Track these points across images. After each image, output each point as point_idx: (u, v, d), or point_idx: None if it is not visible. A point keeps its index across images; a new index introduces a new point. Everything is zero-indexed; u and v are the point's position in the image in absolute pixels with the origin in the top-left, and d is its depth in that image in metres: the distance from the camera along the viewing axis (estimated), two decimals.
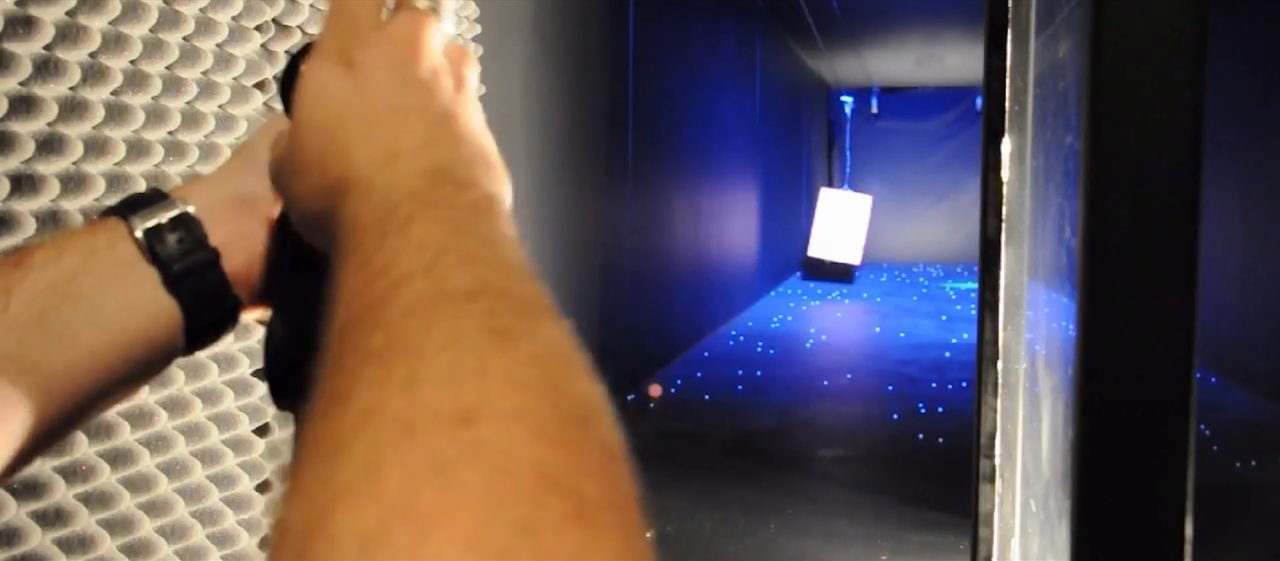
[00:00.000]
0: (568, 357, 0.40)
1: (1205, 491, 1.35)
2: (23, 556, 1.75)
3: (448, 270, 0.43)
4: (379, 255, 0.44)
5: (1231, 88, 6.76)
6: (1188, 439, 1.09)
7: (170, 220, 0.59)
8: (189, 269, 0.59)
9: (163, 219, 0.58)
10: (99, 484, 1.90)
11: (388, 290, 0.41)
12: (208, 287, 0.59)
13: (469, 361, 0.37)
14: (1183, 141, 1.08)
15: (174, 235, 0.59)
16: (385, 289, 0.41)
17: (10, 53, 1.70)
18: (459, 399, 0.35)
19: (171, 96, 2.08)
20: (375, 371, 0.37)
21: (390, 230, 0.46)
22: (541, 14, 4.82)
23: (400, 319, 0.39)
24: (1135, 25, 1.08)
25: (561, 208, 5.24)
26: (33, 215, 1.78)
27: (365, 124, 0.53)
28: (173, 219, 0.59)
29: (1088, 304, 1.11)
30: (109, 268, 0.57)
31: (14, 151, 1.73)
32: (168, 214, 0.59)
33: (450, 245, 0.45)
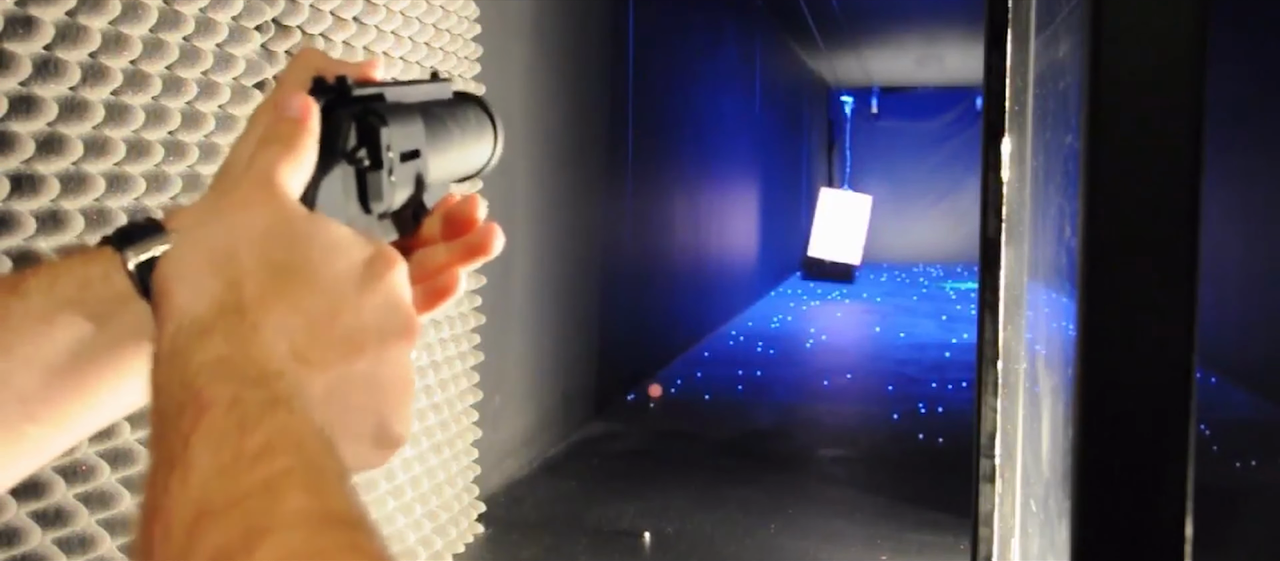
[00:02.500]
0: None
1: (1205, 491, 1.35)
2: (23, 556, 1.75)
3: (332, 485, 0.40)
4: (256, 432, 0.41)
5: (1232, 88, 6.76)
6: (1188, 439, 1.09)
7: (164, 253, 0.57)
8: None
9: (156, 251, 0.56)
10: (99, 484, 1.90)
11: (266, 487, 0.38)
12: None
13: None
14: (1183, 141, 1.08)
15: None
16: (263, 484, 0.39)
17: (10, 53, 1.70)
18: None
19: (171, 96, 2.08)
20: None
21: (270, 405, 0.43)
22: (541, 14, 4.81)
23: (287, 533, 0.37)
24: (1135, 25, 1.08)
25: (561, 208, 5.24)
26: (33, 215, 1.77)
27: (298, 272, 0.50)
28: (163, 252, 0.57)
29: (1088, 304, 1.11)
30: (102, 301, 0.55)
31: (14, 151, 1.73)
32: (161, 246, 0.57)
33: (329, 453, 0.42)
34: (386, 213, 0.59)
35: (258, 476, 0.39)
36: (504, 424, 4.45)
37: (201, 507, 0.38)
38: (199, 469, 0.40)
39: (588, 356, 5.70)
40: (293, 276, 0.50)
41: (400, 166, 0.59)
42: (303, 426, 0.43)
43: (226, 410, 0.42)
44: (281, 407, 0.43)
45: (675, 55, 7.62)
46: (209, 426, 0.41)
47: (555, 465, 4.83)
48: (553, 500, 4.33)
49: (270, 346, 0.47)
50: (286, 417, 0.43)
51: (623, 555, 3.74)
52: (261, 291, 0.49)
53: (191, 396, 0.43)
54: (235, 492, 0.38)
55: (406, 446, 3.24)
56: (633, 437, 5.39)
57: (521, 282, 4.66)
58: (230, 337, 0.46)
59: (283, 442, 0.41)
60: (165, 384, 0.45)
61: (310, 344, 0.49)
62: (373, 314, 0.52)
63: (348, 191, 0.56)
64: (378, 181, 0.57)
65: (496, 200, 4.02)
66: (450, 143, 0.67)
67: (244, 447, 0.40)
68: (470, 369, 3.69)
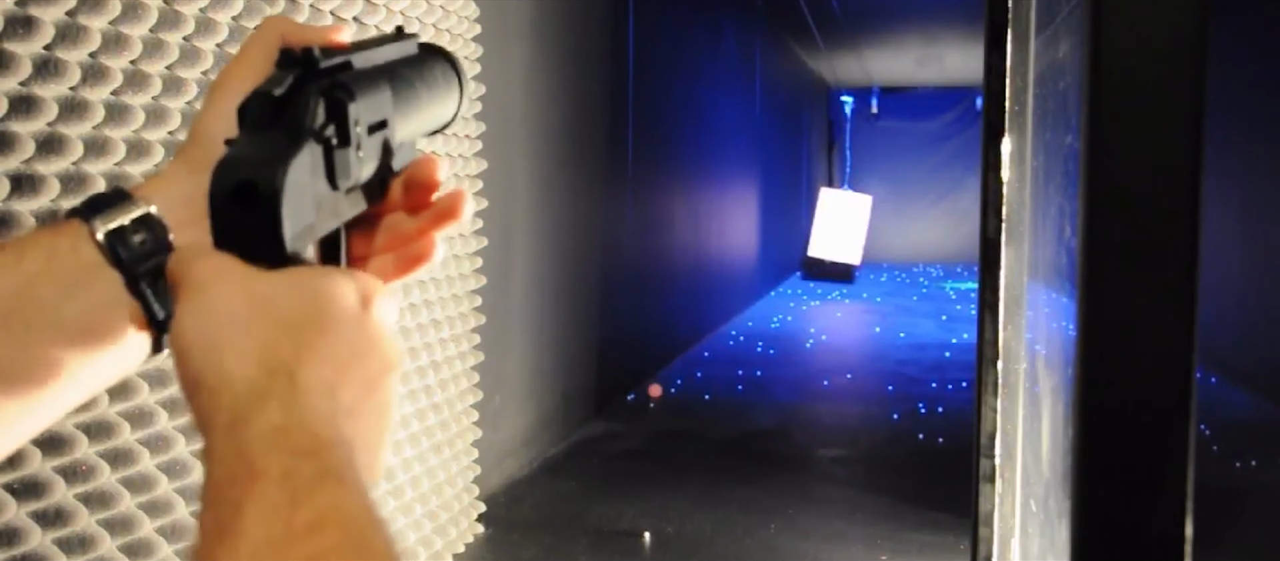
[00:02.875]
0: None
1: (1205, 491, 1.35)
2: (23, 556, 1.75)
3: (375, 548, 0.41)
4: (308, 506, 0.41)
5: (1232, 87, 6.76)
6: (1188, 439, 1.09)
7: (132, 221, 0.57)
8: (152, 270, 0.56)
9: (124, 220, 0.56)
10: (99, 484, 1.90)
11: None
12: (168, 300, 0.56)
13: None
14: (1183, 141, 1.08)
15: (136, 236, 0.56)
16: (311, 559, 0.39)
17: (10, 53, 1.70)
18: None
19: (171, 96, 2.08)
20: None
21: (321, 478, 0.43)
22: (541, 14, 4.81)
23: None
24: (1135, 25, 1.08)
25: (561, 208, 5.24)
26: (33, 215, 1.77)
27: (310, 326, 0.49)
28: (135, 220, 0.57)
29: (1088, 304, 1.11)
30: (71, 271, 0.55)
31: (14, 151, 1.73)
32: (129, 215, 0.57)
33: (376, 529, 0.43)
34: (354, 186, 0.59)
35: (307, 551, 0.39)
36: (504, 424, 4.45)
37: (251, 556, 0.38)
38: (249, 539, 0.40)
39: (588, 356, 5.70)
40: (311, 330, 0.49)
41: (367, 139, 0.58)
42: (353, 501, 0.43)
43: (279, 483, 0.42)
44: (331, 480, 0.43)
45: (675, 55, 7.62)
46: (260, 497, 0.41)
47: (555, 465, 4.83)
48: (553, 500, 4.33)
49: (317, 410, 0.46)
50: (336, 491, 0.43)
51: (623, 555, 3.74)
52: (297, 349, 0.48)
53: (245, 466, 0.43)
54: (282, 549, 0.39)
55: (406, 446, 3.24)
56: (633, 437, 5.39)
57: (521, 283, 4.66)
58: (284, 404, 0.46)
59: (333, 518, 0.41)
60: (222, 452, 0.45)
61: (344, 393, 0.49)
62: (378, 348, 0.52)
63: (315, 170, 0.54)
64: (346, 159, 0.56)
65: (496, 200, 4.02)
66: (417, 104, 0.66)
67: (295, 521, 0.40)
68: (470, 369, 3.69)
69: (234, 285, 0.50)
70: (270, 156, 0.52)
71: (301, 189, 0.53)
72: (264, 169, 0.51)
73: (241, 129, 0.55)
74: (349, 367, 0.49)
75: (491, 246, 3.92)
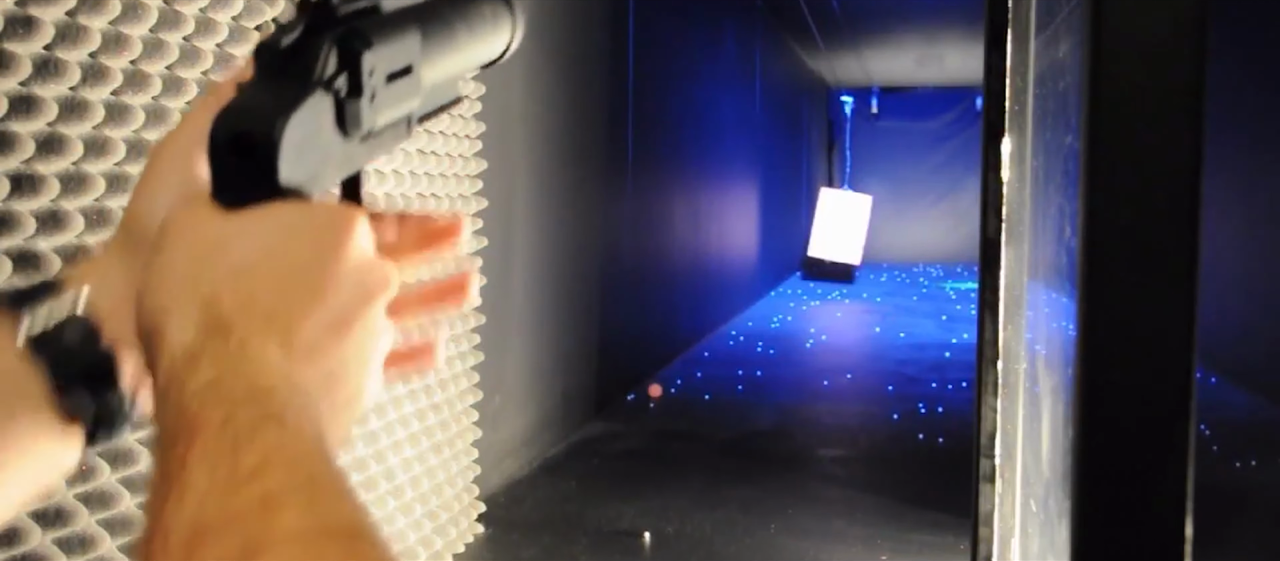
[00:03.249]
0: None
1: (1205, 491, 1.35)
2: (23, 556, 1.75)
3: (329, 498, 0.40)
4: (249, 451, 0.40)
5: (1232, 88, 6.76)
6: (1188, 439, 1.09)
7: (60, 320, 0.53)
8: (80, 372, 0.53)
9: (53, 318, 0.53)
10: (99, 484, 1.90)
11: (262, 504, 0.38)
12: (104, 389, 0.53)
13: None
14: (1183, 141, 1.08)
15: (64, 335, 0.53)
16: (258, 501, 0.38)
17: (10, 53, 1.70)
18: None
19: (171, 96, 2.08)
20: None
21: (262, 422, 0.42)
22: (542, 14, 4.82)
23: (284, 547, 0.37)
24: (1135, 25, 1.08)
25: (561, 208, 5.24)
26: (33, 215, 1.77)
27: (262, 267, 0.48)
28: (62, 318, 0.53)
29: (1088, 304, 1.11)
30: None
31: (14, 151, 1.73)
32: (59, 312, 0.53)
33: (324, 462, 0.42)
34: (369, 134, 0.56)
35: (253, 494, 0.38)
36: (504, 424, 4.45)
37: (198, 526, 0.38)
38: (195, 488, 0.39)
39: (588, 356, 5.70)
40: (266, 270, 0.48)
41: (385, 88, 0.56)
42: (296, 441, 0.42)
43: (218, 431, 0.41)
44: (272, 424, 0.42)
45: (675, 55, 7.62)
46: (203, 448, 0.41)
47: (555, 465, 4.83)
48: (553, 500, 4.33)
49: (259, 359, 0.45)
50: (278, 433, 0.42)
51: (623, 555, 3.74)
52: (238, 301, 0.47)
53: (185, 422, 0.42)
54: (230, 510, 0.38)
55: (406, 446, 3.24)
56: (633, 437, 5.39)
57: (521, 283, 4.66)
58: (217, 360, 0.45)
59: (277, 458, 0.40)
60: (162, 417, 0.44)
61: (299, 332, 0.48)
62: (349, 281, 0.50)
63: (324, 120, 0.53)
64: (356, 109, 0.54)
65: (496, 200, 4.02)
66: (455, 45, 0.63)
67: (238, 466, 0.40)
68: (470, 369, 3.69)
69: (193, 236, 0.49)
70: (272, 107, 0.51)
71: (306, 140, 0.52)
72: (263, 120, 0.50)
73: (254, 75, 0.53)
74: (308, 307, 0.48)
75: (491, 246, 3.92)
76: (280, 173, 0.50)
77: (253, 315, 0.47)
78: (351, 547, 0.38)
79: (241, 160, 0.50)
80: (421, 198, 3.31)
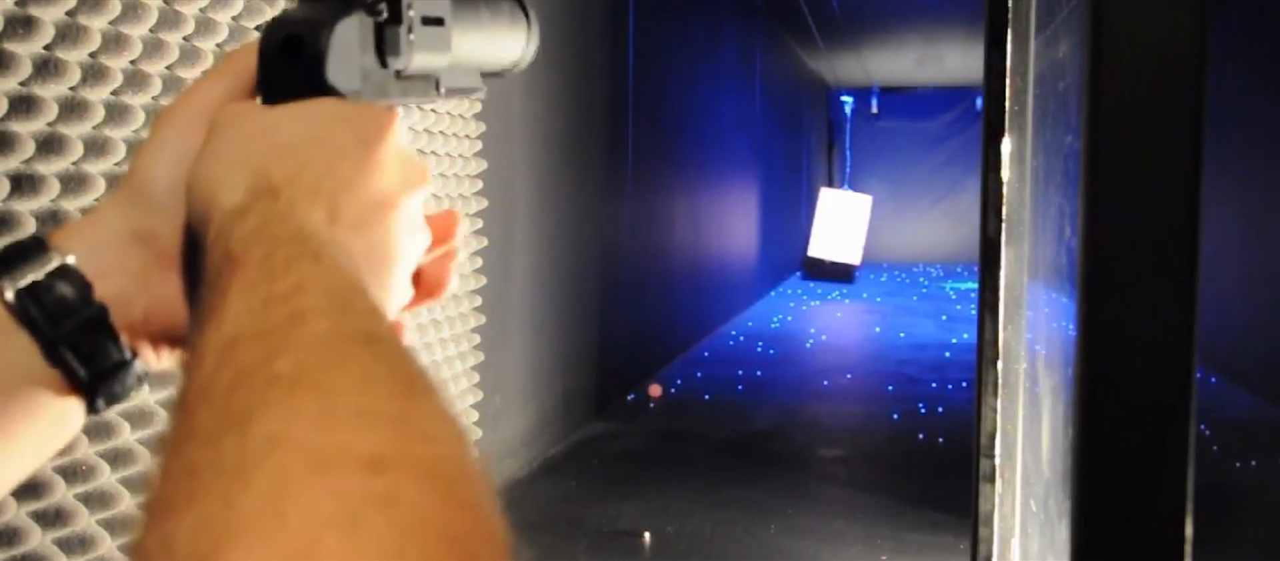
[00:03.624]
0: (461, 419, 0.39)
1: (1205, 491, 1.35)
2: (23, 556, 1.75)
3: (357, 314, 0.41)
4: (286, 278, 0.42)
5: (1232, 88, 6.76)
6: (1188, 439, 1.09)
7: (47, 276, 0.52)
8: (71, 331, 0.51)
9: (38, 275, 0.52)
10: (99, 484, 1.90)
11: (292, 317, 0.39)
12: (95, 348, 0.52)
13: (384, 406, 0.35)
14: (1183, 141, 1.08)
15: (52, 293, 0.51)
16: (289, 315, 0.40)
17: (10, 53, 1.70)
18: (373, 443, 0.33)
19: (172, 96, 2.08)
20: (283, 397, 0.35)
21: (299, 256, 0.44)
22: (542, 14, 4.80)
23: (309, 348, 0.38)
24: (1135, 25, 1.08)
25: (561, 208, 5.24)
26: (33, 215, 1.78)
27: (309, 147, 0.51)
28: (50, 274, 0.52)
29: (1088, 304, 1.11)
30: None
31: (14, 151, 1.73)
32: (44, 269, 0.52)
33: (357, 290, 0.44)
34: (403, 74, 0.60)
35: (284, 311, 0.40)
36: (504, 424, 4.45)
37: (231, 339, 0.39)
38: (232, 312, 0.41)
39: (588, 356, 5.70)
40: (312, 149, 0.50)
41: (421, 28, 0.59)
42: (329, 272, 0.44)
43: (259, 264, 0.43)
44: (308, 258, 0.44)
45: (675, 55, 7.62)
46: (242, 279, 0.42)
47: (555, 465, 4.83)
48: (553, 500, 4.33)
49: (304, 217, 0.48)
50: (313, 265, 0.44)
51: (623, 555, 3.74)
52: (287, 171, 0.49)
53: (229, 262, 0.44)
54: (263, 325, 0.39)
55: None
56: (633, 437, 5.39)
57: (521, 283, 4.67)
58: (263, 212, 0.47)
59: (310, 284, 0.42)
60: (208, 265, 0.46)
61: (344, 206, 0.50)
62: (390, 166, 0.52)
63: (365, 41, 0.57)
64: (396, 36, 0.57)
65: (496, 200, 4.02)
66: (480, 23, 0.67)
67: (274, 291, 0.41)
68: (470, 369, 3.69)
69: (243, 122, 0.52)
70: (319, 17, 0.55)
71: (349, 53, 0.55)
72: (312, 27, 0.54)
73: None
74: (353, 183, 0.50)
75: (491, 246, 3.92)
76: (327, 73, 0.54)
77: (300, 184, 0.49)
78: (376, 351, 0.39)
79: (290, 61, 0.54)
80: None
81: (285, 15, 0.56)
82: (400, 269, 0.53)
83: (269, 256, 0.43)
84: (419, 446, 0.34)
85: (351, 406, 0.35)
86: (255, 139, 0.51)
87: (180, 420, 0.36)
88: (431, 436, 0.35)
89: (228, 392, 0.36)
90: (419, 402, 0.36)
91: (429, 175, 0.55)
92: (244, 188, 0.48)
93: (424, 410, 0.36)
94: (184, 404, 0.37)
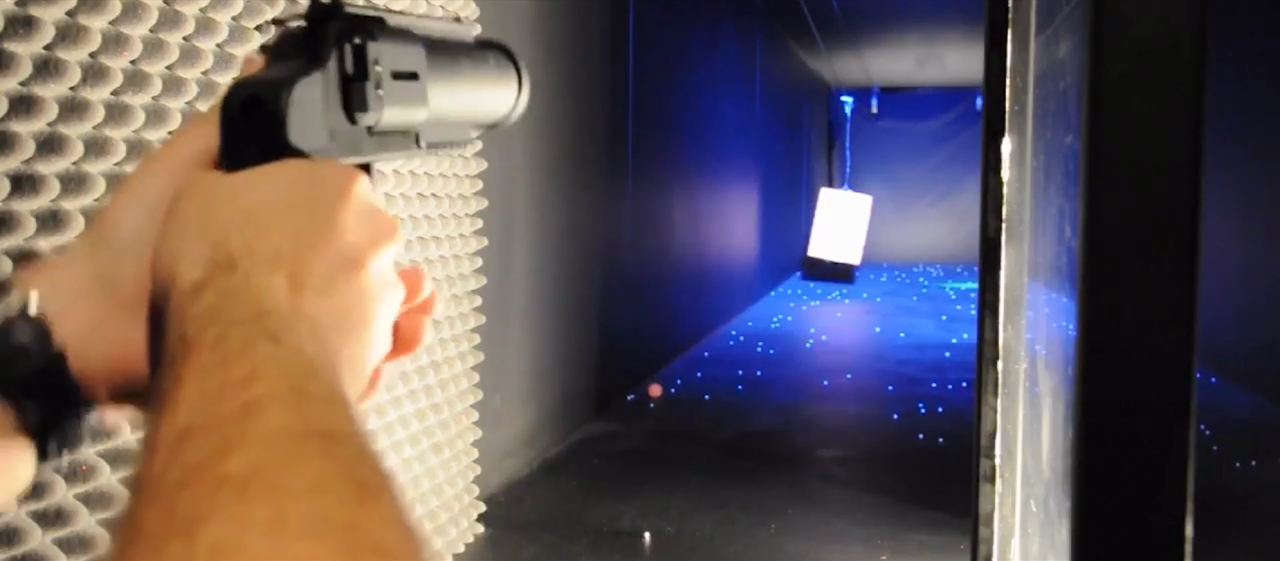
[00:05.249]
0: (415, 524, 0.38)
1: (1205, 491, 1.35)
2: (23, 556, 1.75)
3: (314, 404, 0.40)
4: (240, 365, 0.41)
5: (1232, 88, 6.76)
6: (1188, 439, 1.09)
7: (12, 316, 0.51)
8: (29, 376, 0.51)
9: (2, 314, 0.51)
10: (99, 484, 1.90)
11: (245, 408, 0.39)
12: (53, 395, 0.51)
13: (335, 513, 0.35)
14: (1183, 141, 1.08)
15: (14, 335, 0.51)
16: (242, 406, 0.39)
17: (10, 53, 1.70)
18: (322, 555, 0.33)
19: (171, 96, 2.08)
20: (232, 502, 0.34)
21: (256, 338, 0.43)
22: (542, 14, 4.82)
23: (261, 446, 0.37)
24: (1135, 25, 1.08)
25: (561, 208, 5.24)
26: (33, 215, 1.78)
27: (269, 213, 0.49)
28: (9, 318, 0.51)
29: (1088, 304, 1.11)
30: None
31: (14, 151, 1.73)
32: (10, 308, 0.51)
33: (315, 376, 0.43)
34: (376, 130, 0.59)
35: (238, 400, 0.39)
36: (504, 424, 4.45)
37: (182, 432, 0.38)
38: (184, 401, 0.40)
39: (588, 356, 5.70)
40: (273, 215, 0.49)
41: (391, 83, 0.58)
42: (288, 356, 0.43)
43: (212, 348, 0.42)
44: (265, 340, 0.43)
45: (675, 55, 7.62)
46: (196, 363, 0.41)
47: (555, 465, 4.83)
48: (553, 500, 4.33)
49: (263, 288, 0.46)
50: (271, 348, 0.42)
51: (623, 555, 3.74)
52: (245, 241, 0.48)
53: (184, 346, 0.43)
54: (215, 415, 0.39)
55: (406, 446, 3.24)
56: (633, 437, 5.39)
57: (521, 283, 4.67)
58: (219, 289, 0.46)
59: (265, 370, 0.41)
60: (166, 345, 0.45)
61: (309, 270, 0.48)
62: (357, 224, 0.51)
63: (330, 98, 0.56)
64: (362, 92, 0.56)
65: (496, 200, 4.02)
66: (461, 77, 0.66)
67: (228, 378, 0.40)
68: (470, 369, 3.69)
69: (203, 191, 0.50)
70: (280, 77, 0.54)
71: (312, 111, 0.54)
72: (272, 86, 0.53)
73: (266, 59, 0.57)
74: (316, 245, 0.49)
75: (491, 246, 3.92)
76: (289, 133, 0.53)
77: (260, 253, 0.48)
78: (329, 449, 0.38)
79: (251, 122, 0.53)
80: (422, 198, 3.31)
81: (246, 78, 0.55)
82: (375, 328, 0.51)
83: (223, 339, 0.42)
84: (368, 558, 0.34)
85: (302, 513, 0.34)
86: (215, 208, 0.49)
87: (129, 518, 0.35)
88: (382, 547, 0.34)
89: (176, 492, 0.35)
90: (372, 508, 0.36)
91: (399, 230, 0.53)
92: (202, 262, 0.47)
93: (377, 516, 0.36)
94: (133, 500, 0.36)
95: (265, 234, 0.48)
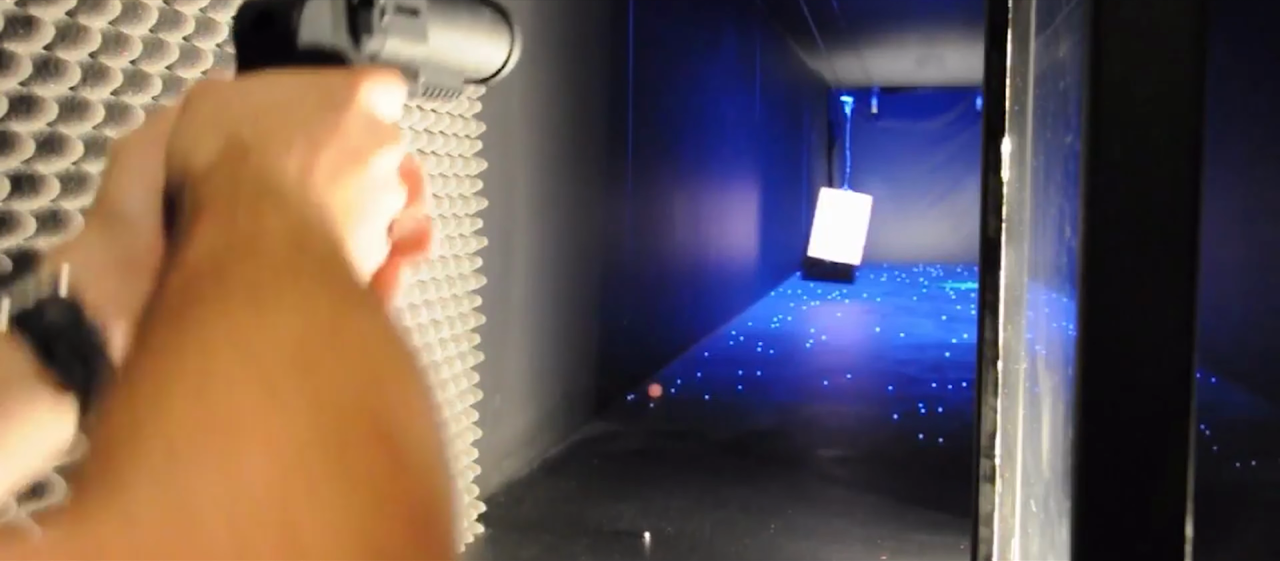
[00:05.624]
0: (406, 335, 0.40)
1: (1205, 491, 1.35)
2: None
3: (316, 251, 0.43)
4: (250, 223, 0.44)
5: (1232, 88, 6.76)
6: (1188, 439, 1.09)
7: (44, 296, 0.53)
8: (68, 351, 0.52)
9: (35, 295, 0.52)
10: None
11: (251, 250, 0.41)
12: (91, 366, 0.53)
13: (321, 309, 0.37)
14: (1183, 141, 1.08)
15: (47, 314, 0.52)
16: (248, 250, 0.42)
17: (10, 53, 1.70)
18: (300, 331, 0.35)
19: (172, 96, 2.08)
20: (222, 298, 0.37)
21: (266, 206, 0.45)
22: (541, 14, 4.82)
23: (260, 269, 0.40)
24: (1135, 25, 1.08)
25: (561, 208, 5.24)
26: (33, 215, 1.78)
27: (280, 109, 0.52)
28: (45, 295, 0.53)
29: (1088, 304, 1.11)
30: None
31: (14, 151, 1.73)
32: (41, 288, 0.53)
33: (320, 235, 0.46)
34: (378, 59, 0.61)
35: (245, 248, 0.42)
36: (504, 424, 4.45)
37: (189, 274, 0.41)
38: (193, 250, 0.42)
39: (588, 356, 5.70)
40: (284, 111, 0.51)
41: (395, 15, 0.60)
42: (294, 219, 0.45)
43: (225, 210, 0.45)
44: (272, 197, 0.46)
45: (675, 55, 7.62)
46: (208, 222, 0.44)
47: (555, 465, 4.83)
48: (553, 500, 4.33)
49: (274, 170, 0.49)
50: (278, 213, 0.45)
51: (623, 555, 3.74)
52: (258, 132, 0.50)
53: (196, 210, 0.46)
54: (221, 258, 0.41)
55: None
56: (633, 437, 5.39)
57: (521, 283, 4.66)
58: (232, 172, 0.48)
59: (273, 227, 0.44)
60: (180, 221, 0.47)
61: (316, 159, 0.50)
62: (363, 123, 0.53)
63: (337, 21, 0.58)
64: (369, 16, 0.59)
65: (497, 200, 4.02)
66: (457, 24, 0.68)
67: (237, 232, 0.43)
68: (470, 369, 3.69)
69: (216, 91, 0.53)
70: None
71: (320, 30, 0.57)
72: (283, 4, 0.56)
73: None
74: (324, 140, 0.51)
75: (491, 246, 3.92)
76: (298, 47, 0.55)
77: (271, 142, 0.50)
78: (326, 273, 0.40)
79: (262, 37, 0.56)
80: None
81: None
82: (372, 224, 0.54)
83: (234, 203, 0.45)
84: (350, 337, 0.36)
85: (287, 303, 0.37)
86: (228, 104, 0.52)
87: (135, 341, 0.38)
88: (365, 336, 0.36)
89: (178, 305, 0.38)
90: (359, 315, 0.38)
91: (401, 135, 0.56)
92: (216, 149, 0.49)
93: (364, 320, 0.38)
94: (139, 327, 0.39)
95: (277, 126, 0.50)
